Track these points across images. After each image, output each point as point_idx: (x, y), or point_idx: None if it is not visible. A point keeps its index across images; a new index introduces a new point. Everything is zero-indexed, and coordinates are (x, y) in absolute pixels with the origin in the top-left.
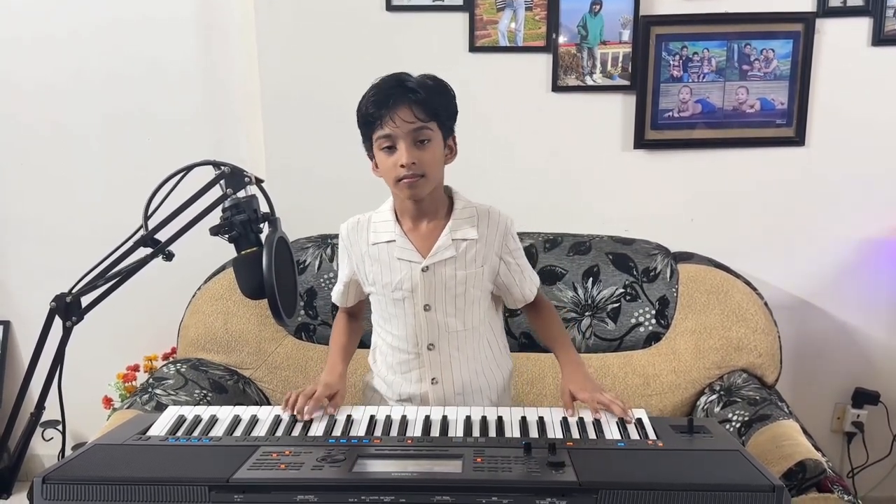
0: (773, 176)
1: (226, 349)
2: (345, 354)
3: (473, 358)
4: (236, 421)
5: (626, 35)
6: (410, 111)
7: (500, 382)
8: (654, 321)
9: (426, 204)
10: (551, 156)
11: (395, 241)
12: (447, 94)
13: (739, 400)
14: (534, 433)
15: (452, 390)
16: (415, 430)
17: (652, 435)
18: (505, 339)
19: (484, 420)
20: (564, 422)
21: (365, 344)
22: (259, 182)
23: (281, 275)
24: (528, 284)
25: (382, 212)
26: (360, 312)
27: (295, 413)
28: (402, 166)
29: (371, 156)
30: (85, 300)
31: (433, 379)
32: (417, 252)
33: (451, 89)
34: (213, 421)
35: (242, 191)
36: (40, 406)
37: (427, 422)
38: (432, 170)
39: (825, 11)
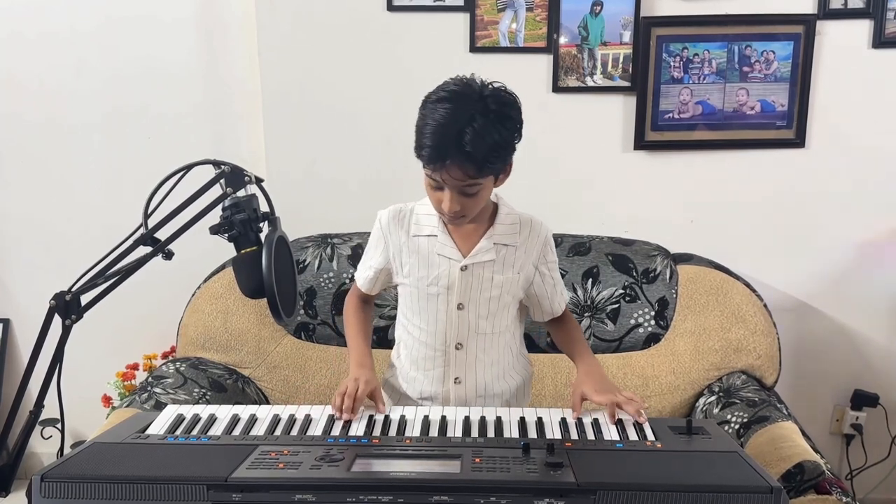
0: (773, 178)
1: (225, 348)
2: (368, 341)
3: (497, 362)
4: (235, 420)
5: (627, 36)
6: (462, 172)
7: (519, 387)
8: (653, 322)
9: None
10: (551, 156)
11: (436, 236)
12: (507, 147)
13: (738, 401)
14: (532, 434)
15: (475, 392)
16: (413, 430)
17: (650, 436)
18: (524, 347)
19: (483, 420)
20: (563, 422)
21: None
22: (259, 181)
23: (280, 274)
24: (558, 298)
25: (426, 205)
26: (373, 297)
27: (342, 415)
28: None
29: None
30: (84, 298)
31: (456, 378)
32: (458, 250)
33: (513, 135)
34: (212, 420)
35: (242, 190)
36: (39, 404)
37: (426, 422)
38: (475, 211)
39: (826, 13)
